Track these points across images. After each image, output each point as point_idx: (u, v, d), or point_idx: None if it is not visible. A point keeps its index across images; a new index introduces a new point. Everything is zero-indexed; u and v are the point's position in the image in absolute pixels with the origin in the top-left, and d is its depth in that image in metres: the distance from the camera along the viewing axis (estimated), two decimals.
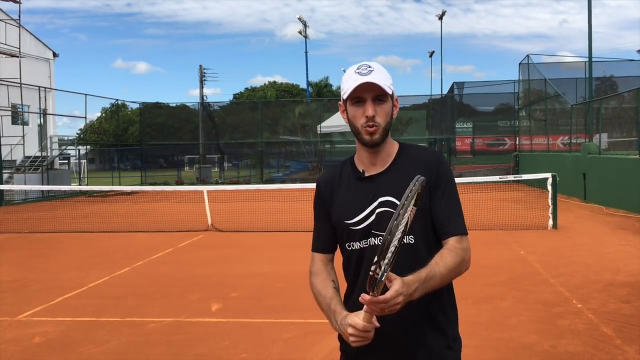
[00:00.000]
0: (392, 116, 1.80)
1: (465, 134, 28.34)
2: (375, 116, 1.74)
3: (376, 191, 1.78)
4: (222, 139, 32.22)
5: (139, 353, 4.59)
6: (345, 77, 1.79)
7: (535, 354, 4.32)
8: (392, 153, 1.84)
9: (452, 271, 1.70)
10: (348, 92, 1.74)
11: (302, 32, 40.39)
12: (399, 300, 1.51)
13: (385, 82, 1.75)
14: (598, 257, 7.96)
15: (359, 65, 1.78)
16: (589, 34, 17.99)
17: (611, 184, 13.85)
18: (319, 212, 1.92)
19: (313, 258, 1.93)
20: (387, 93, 1.75)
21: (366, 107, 1.74)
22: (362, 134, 1.77)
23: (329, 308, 1.75)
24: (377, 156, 1.81)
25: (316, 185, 1.95)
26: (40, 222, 13.31)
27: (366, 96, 1.74)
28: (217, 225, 11.63)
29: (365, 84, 1.71)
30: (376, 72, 1.75)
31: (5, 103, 20.86)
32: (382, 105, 1.76)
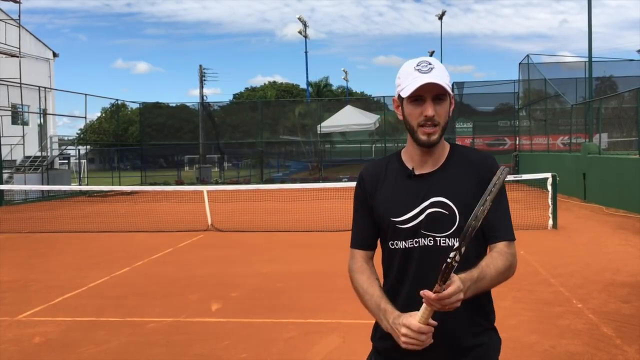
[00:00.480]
0: (450, 115, 1.76)
1: (465, 134, 28.33)
2: (435, 116, 1.69)
3: (427, 191, 1.73)
4: (222, 139, 32.23)
5: (139, 353, 4.59)
6: (403, 72, 1.73)
7: (535, 354, 4.32)
8: (444, 153, 1.79)
9: (501, 275, 1.68)
10: (409, 91, 1.67)
11: (302, 32, 40.39)
12: (460, 297, 1.49)
13: (446, 81, 1.68)
14: (598, 257, 7.97)
15: (418, 62, 1.71)
16: (589, 34, 18.00)
17: (611, 184, 13.85)
18: (361, 207, 1.85)
19: (353, 255, 1.86)
20: (447, 92, 1.70)
21: (426, 107, 1.68)
22: (418, 133, 1.71)
23: (378, 307, 1.69)
24: (429, 155, 1.76)
25: (359, 178, 1.88)
26: (40, 222, 13.30)
27: (426, 95, 1.68)
28: (217, 225, 11.63)
29: (427, 84, 1.65)
30: (437, 69, 1.69)
31: (5, 103, 20.86)
32: (442, 105, 1.70)
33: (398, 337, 1.57)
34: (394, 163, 1.83)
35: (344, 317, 5.12)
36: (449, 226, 1.71)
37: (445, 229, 1.71)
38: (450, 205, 1.71)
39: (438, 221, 1.69)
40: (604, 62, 24.26)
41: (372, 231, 1.83)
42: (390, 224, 1.75)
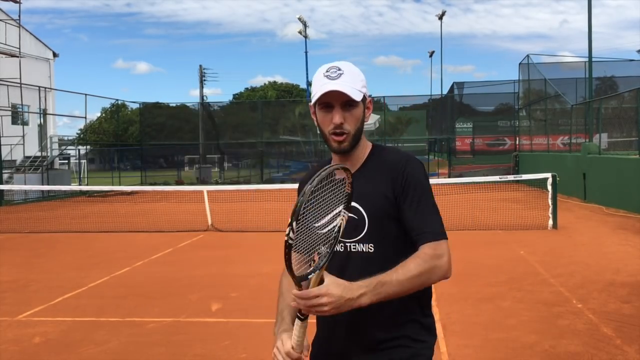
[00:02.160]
0: (364, 120, 1.71)
1: (465, 134, 28.34)
2: (344, 123, 1.65)
3: None
4: (222, 139, 32.22)
5: (139, 353, 4.59)
6: (315, 78, 1.70)
7: (535, 354, 4.32)
8: (362, 157, 1.75)
9: (414, 278, 1.54)
10: (316, 97, 1.65)
11: (302, 32, 40.37)
12: (323, 301, 1.44)
13: (355, 86, 1.65)
14: (598, 257, 7.96)
15: (328, 67, 1.68)
16: (589, 34, 18.00)
17: (611, 184, 13.85)
18: None
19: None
20: (354, 99, 1.64)
21: (334, 115, 1.65)
22: (330, 141, 1.70)
23: (281, 313, 1.72)
24: (347, 160, 1.73)
25: (299, 184, 1.89)
26: (40, 222, 13.30)
27: (334, 102, 1.65)
28: (217, 225, 11.63)
29: (332, 92, 1.62)
30: (346, 75, 1.65)
31: (5, 103, 20.86)
32: (352, 111, 1.66)
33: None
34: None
35: None
36: (360, 231, 1.68)
37: (355, 234, 1.68)
38: (359, 209, 1.67)
39: (349, 226, 1.60)
40: (604, 62, 24.29)
41: None
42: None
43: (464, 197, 14.43)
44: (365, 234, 1.68)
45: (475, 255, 8.39)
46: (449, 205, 13.06)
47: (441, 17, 40.60)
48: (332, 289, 1.45)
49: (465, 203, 13.56)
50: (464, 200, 13.94)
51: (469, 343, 4.53)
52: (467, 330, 4.89)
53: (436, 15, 41.28)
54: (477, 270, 7.27)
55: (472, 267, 7.44)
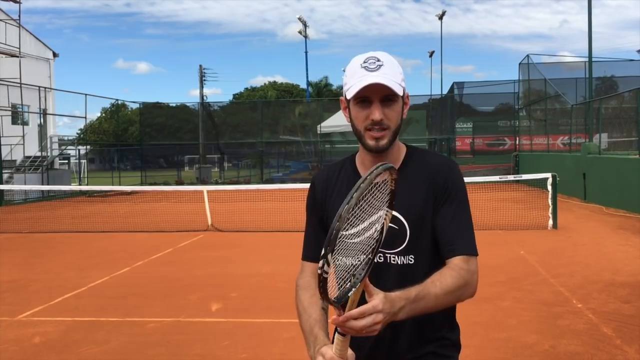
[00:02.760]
0: (403, 116, 1.57)
1: (465, 134, 28.34)
2: (384, 119, 1.51)
3: None
4: (222, 139, 32.23)
5: (139, 353, 4.59)
6: (350, 70, 1.55)
7: (535, 354, 4.32)
8: (399, 158, 1.62)
9: (450, 294, 1.45)
10: (353, 91, 1.49)
11: (302, 32, 40.38)
12: (378, 319, 1.27)
13: (396, 79, 1.50)
14: (598, 257, 7.96)
15: (365, 58, 1.52)
16: (589, 34, 18.00)
17: (611, 184, 13.85)
18: (311, 216, 1.70)
19: (302, 268, 1.70)
20: (397, 93, 1.51)
21: (372, 110, 1.50)
22: (365, 138, 1.54)
23: (311, 331, 1.51)
24: (383, 160, 1.52)
25: (310, 185, 1.72)
26: (40, 222, 13.30)
27: (373, 97, 1.50)
28: (217, 225, 11.63)
29: (373, 85, 1.47)
30: (386, 67, 1.50)
31: (5, 103, 20.85)
32: (392, 106, 1.52)
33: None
34: (347, 169, 1.67)
35: None
36: (400, 242, 1.56)
37: (396, 245, 1.56)
38: (401, 219, 1.55)
39: (389, 236, 1.43)
40: (604, 62, 24.29)
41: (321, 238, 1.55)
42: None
43: None
44: (406, 245, 1.56)
45: None
46: None
47: (441, 17, 40.61)
48: (382, 303, 1.28)
49: None
50: None
51: (469, 343, 4.51)
52: (467, 330, 4.86)
53: (436, 15, 41.33)
54: None
55: None
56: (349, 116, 1.60)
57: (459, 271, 1.49)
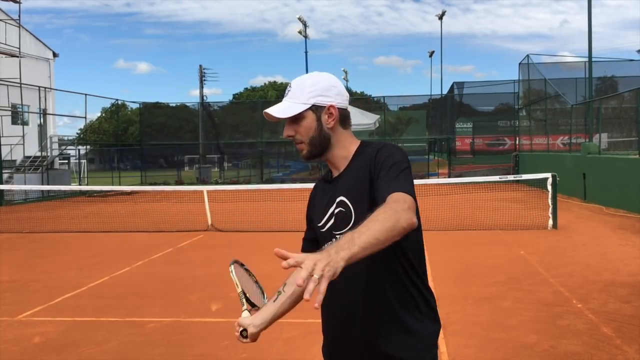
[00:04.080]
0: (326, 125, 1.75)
1: (465, 134, 28.33)
2: (296, 135, 1.77)
3: (334, 193, 1.78)
4: (222, 139, 32.22)
5: (139, 353, 4.59)
6: None
7: (535, 354, 4.32)
8: (347, 156, 1.81)
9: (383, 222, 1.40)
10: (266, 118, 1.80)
11: (302, 32, 40.37)
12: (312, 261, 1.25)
13: (300, 99, 1.74)
14: (598, 257, 7.96)
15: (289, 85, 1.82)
16: (589, 34, 18.00)
17: (611, 184, 13.85)
18: (307, 217, 1.98)
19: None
20: (294, 115, 1.73)
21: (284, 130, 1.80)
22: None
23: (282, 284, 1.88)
24: (332, 162, 1.82)
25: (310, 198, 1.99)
26: (40, 222, 13.30)
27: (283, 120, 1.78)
28: (217, 225, 11.63)
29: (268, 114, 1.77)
30: (292, 91, 1.77)
31: (5, 103, 20.86)
32: (300, 123, 1.76)
33: None
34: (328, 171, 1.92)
35: None
36: (347, 223, 1.73)
37: (344, 226, 1.73)
38: (346, 202, 1.74)
39: (341, 220, 1.73)
40: (604, 62, 24.28)
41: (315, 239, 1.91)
42: (317, 229, 1.85)
43: (464, 197, 14.43)
44: (353, 224, 1.70)
45: (475, 255, 8.40)
46: (449, 205, 13.06)
47: (441, 17, 40.61)
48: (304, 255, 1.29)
49: (465, 203, 13.56)
50: (464, 200, 13.94)
51: (469, 343, 4.53)
52: (467, 330, 4.89)
53: (436, 15, 41.32)
54: (477, 270, 7.27)
55: (472, 267, 7.44)
56: None
57: (388, 199, 1.52)
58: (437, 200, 13.60)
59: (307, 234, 1.99)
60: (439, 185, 15.44)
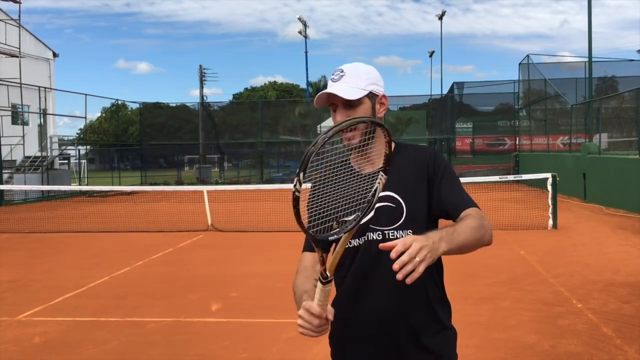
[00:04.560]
0: (378, 115, 1.76)
1: (465, 134, 28.34)
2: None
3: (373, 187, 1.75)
4: (222, 139, 32.23)
5: (139, 353, 4.59)
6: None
7: (535, 354, 4.32)
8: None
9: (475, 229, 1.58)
10: (315, 101, 1.74)
11: (302, 32, 40.38)
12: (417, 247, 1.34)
13: (358, 85, 1.70)
14: (598, 257, 7.97)
15: (334, 70, 1.75)
16: (589, 34, 18.00)
17: (611, 184, 13.85)
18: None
19: (302, 258, 1.86)
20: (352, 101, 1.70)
21: (335, 116, 1.73)
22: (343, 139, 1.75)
23: (300, 299, 1.66)
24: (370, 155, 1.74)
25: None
26: (40, 222, 13.30)
27: (337, 103, 1.72)
28: (217, 225, 11.63)
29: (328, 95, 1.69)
30: (347, 76, 1.71)
31: (5, 103, 20.86)
32: (355, 109, 1.71)
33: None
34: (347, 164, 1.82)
35: None
36: (397, 218, 1.73)
37: (394, 221, 1.73)
38: (397, 198, 1.73)
39: (386, 215, 1.71)
40: (604, 62, 24.28)
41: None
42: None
43: None
44: (404, 221, 1.72)
45: (475, 255, 8.36)
46: None
47: (441, 17, 40.61)
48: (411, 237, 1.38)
49: None
50: None
51: (469, 343, 4.53)
52: (467, 330, 4.88)
53: (436, 15, 41.33)
54: (477, 270, 7.27)
55: (472, 267, 7.44)
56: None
57: (474, 214, 1.66)
58: None
59: None
60: None
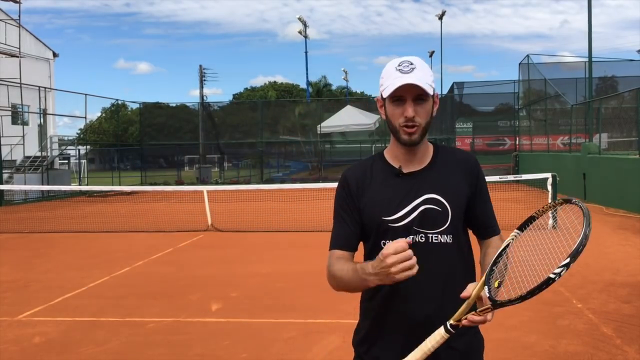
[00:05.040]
0: (433, 114, 1.75)
1: (465, 134, 28.33)
2: (416, 116, 1.68)
3: (418, 188, 1.72)
4: (222, 139, 32.23)
5: (139, 353, 4.59)
6: (385, 72, 1.73)
7: (535, 354, 4.32)
8: (429, 151, 1.80)
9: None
10: (389, 91, 1.67)
11: (302, 32, 40.37)
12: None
13: (427, 80, 1.68)
14: (598, 257, 7.96)
15: (400, 62, 1.70)
16: (588, 34, 17.99)
17: (611, 184, 13.85)
18: (347, 208, 1.78)
19: (332, 255, 1.77)
20: (427, 93, 1.68)
21: (406, 108, 1.67)
22: (400, 133, 1.71)
23: (355, 270, 1.60)
24: (414, 154, 1.76)
25: (343, 181, 1.83)
26: (40, 222, 13.30)
27: (406, 96, 1.68)
28: (217, 225, 11.63)
29: (406, 85, 1.65)
30: (418, 69, 1.67)
31: (5, 103, 20.85)
32: (423, 105, 1.69)
33: (387, 273, 1.47)
34: (379, 163, 1.82)
35: (344, 317, 5.11)
36: (442, 222, 1.72)
37: (439, 225, 1.71)
38: (443, 201, 1.72)
39: (431, 218, 1.69)
40: (604, 62, 24.28)
41: (356, 232, 1.77)
42: (381, 223, 1.71)
43: None
44: (448, 226, 1.72)
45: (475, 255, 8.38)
46: None
47: (441, 17, 40.61)
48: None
49: None
50: None
51: None
52: None
53: (436, 15, 41.32)
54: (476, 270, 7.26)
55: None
56: (385, 113, 1.77)
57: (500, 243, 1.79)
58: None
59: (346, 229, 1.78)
60: None
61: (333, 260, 1.74)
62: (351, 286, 1.66)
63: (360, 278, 1.57)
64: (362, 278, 1.56)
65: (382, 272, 1.48)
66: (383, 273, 1.48)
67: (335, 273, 1.70)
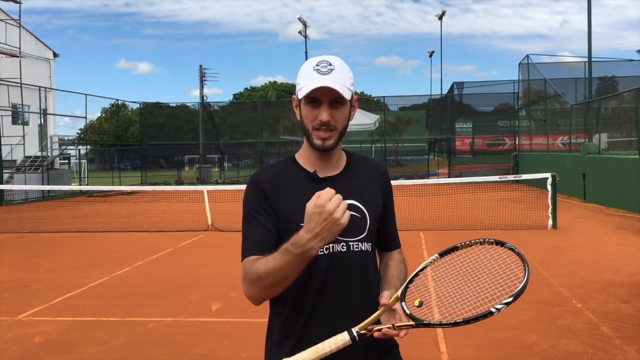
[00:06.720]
0: (350, 119, 1.64)
1: (465, 134, 28.32)
2: (331, 121, 1.57)
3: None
4: (222, 139, 32.24)
5: (139, 353, 4.59)
6: (303, 71, 1.60)
7: (535, 354, 4.32)
8: (343, 157, 1.72)
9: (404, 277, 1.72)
10: (304, 92, 1.55)
11: (302, 33, 40.36)
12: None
13: (345, 84, 1.57)
14: (598, 257, 7.97)
15: (318, 61, 1.58)
16: (588, 34, 18.00)
17: (611, 184, 13.86)
18: (262, 210, 1.63)
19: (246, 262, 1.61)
20: (345, 97, 1.57)
21: (321, 112, 1.57)
22: (313, 137, 1.60)
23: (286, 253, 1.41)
24: (329, 159, 1.66)
25: (255, 183, 1.67)
26: (40, 222, 13.30)
27: (322, 98, 1.56)
28: (217, 225, 11.63)
29: (323, 88, 1.54)
30: (336, 71, 1.57)
31: (6, 103, 20.86)
32: (340, 109, 1.59)
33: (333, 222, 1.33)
34: (291, 167, 1.69)
35: None
36: (362, 230, 1.64)
37: (359, 232, 1.63)
38: (362, 208, 1.65)
39: (352, 224, 1.47)
40: (604, 62, 24.29)
41: (274, 235, 1.61)
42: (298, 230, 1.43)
43: (464, 197, 14.44)
44: (367, 233, 1.65)
45: None
46: (449, 205, 13.06)
47: (441, 17, 40.63)
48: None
49: (465, 203, 13.56)
50: (464, 200, 13.94)
51: (468, 343, 4.53)
52: (466, 330, 4.88)
53: (436, 15, 41.36)
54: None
55: None
56: (299, 115, 1.65)
57: (404, 262, 1.80)
58: (437, 200, 13.61)
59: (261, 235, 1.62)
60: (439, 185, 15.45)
61: (249, 264, 1.57)
62: (285, 272, 1.43)
63: (295, 255, 1.38)
64: (297, 253, 1.38)
65: (326, 225, 1.34)
66: (327, 225, 1.34)
67: (260, 272, 1.50)
